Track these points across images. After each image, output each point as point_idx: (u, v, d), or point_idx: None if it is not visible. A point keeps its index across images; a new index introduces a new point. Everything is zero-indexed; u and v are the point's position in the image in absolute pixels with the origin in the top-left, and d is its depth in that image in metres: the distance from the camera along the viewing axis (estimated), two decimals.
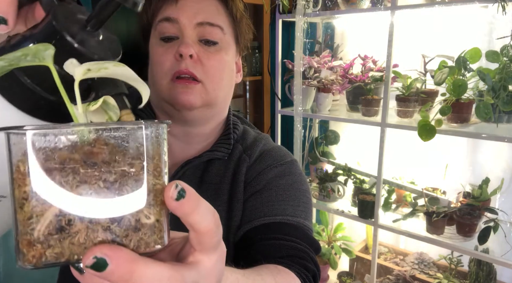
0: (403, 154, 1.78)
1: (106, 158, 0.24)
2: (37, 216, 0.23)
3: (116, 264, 0.22)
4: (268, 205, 0.62)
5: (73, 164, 0.24)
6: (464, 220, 1.42)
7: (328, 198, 1.80)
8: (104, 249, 0.23)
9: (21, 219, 0.23)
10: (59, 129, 0.24)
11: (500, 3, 1.18)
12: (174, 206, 0.24)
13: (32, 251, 0.23)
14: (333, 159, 1.99)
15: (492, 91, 1.24)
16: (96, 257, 0.22)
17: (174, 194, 0.24)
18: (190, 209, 0.24)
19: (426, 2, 1.39)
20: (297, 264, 0.53)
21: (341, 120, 1.67)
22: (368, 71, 1.66)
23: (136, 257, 0.23)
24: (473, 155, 1.63)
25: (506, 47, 1.24)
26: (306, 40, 1.69)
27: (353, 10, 1.57)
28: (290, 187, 0.65)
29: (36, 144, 0.23)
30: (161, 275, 0.24)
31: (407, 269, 1.73)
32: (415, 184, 1.71)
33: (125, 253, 0.23)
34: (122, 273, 0.22)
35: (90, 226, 0.23)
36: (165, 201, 0.25)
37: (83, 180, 0.23)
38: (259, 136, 0.75)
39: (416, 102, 1.47)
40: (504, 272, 1.57)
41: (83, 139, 0.24)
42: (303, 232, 0.60)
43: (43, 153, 0.23)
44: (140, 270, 0.23)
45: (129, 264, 0.23)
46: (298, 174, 0.69)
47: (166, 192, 0.24)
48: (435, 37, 1.59)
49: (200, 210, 0.25)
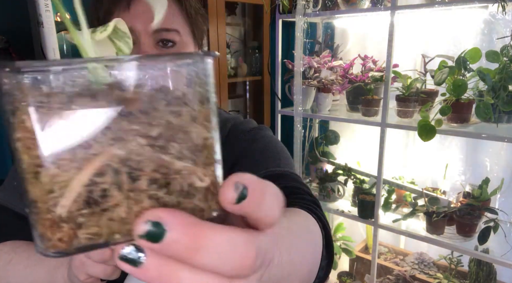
0: (403, 154, 1.78)
1: (144, 105, 0.18)
2: (60, 188, 0.17)
3: (177, 229, 0.18)
4: (250, 168, 0.61)
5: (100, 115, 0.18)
6: (464, 220, 1.42)
7: (328, 198, 1.80)
8: (158, 212, 0.18)
9: (37, 193, 0.18)
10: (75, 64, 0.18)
11: (500, 3, 1.18)
12: (233, 209, 0.19)
13: (58, 233, 0.18)
14: (333, 159, 1.99)
15: (492, 91, 1.24)
16: (151, 223, 0.18)
17: (234, 198, 0.19)
18: (253, 208, 0.20)
19: (426, 2, 1.39)
20: (295, 200, 0.51)
21: (341, 120, 1.67)
22: (368, 71, 1.66)
23: (200, 221, 0.19)
24: (473, 155, 1.63)
25: (506, 47, 1.24)
26: (306, 40, 1.69)
27: (353, 10, 1.57)
28: (265, 148, 0.66)
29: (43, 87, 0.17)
30: (235, 240, 0.19)
31: (407, 269, 1.73)
32: (415, 184, 1.71)
33: (185, 216, 0.18)
34: (187, 240, 0.18)
35: (132, 196, 0.18)
36: (220, 202, 0.19)
37: (118, 136, 0.18)
38: (230, 117, 0.76)
39: (416, 102, 1.47)
40: (504, 272, 1.57)
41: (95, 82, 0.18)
42: (291, 178, 0.59)
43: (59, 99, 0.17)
44: (209, 235, 0.18)
45: (194, 228, 0.18)
46: (270, 136, 0.70)
47: (223, 193, 0.19)
48: (435, 37, 1.59)
49: (265, 205, 0.20)
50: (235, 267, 0.18)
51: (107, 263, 0.36)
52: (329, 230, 0.48)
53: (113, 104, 0.18)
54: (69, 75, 0.18)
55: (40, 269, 0.50)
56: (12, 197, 0.64)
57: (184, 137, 0.19)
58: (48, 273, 0.48)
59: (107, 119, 0.18)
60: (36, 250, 0.19)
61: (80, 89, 0.18)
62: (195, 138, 0.20)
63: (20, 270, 0.53)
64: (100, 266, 0.37)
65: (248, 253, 0.19)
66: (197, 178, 0.20)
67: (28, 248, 0.57)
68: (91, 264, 0.37)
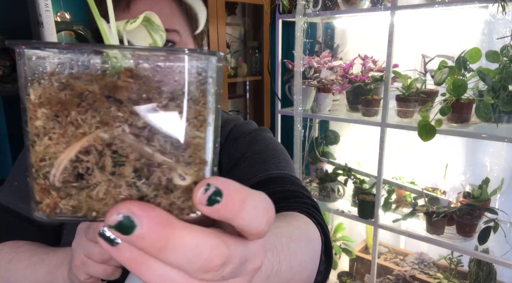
0: (403, 154, 1.78)
1: (134, 94, 0.19)
2: (50, 159, 0.19)
3: (147, 226, 0.18)
4: (249, 170, 0.61)
5: (92, 99, 0.19)
6: (464, 220, 1.42)
7: (328, 198, 1.80)
8: (132, 206, 0.18)
9: (33, 160, 0.19)
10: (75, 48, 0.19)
11: (500, 3, 1.18)
12: (206, 212, 0.19)
13: (46, 199, 0.19)
14: (333, 159, 1.99)
15: (492, 91, 1.24)
16: (122, 215, 0.18)
17: (204, 200, 0.19)
18: (229, 214, 0.19)
19: (426, 2, 1.39)
20: (295, 203, 0.51)
21: (341, 120, 1.67)
22: (368, 71, 1.67)
23: (172, 219, 0.19)
24: (473, 155, 1.63)
25: (506, 47, 1.24)
26: (306, 40, 1.69)
27: (353, 10, 1.57)
28: (266, 149, 0.65)
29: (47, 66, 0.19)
30: (204, 244, 0.19)
31: (407, 269, 1.73)
32: (415, 184, 1.71)
33: (159, 213, 0.18)
34: (155, 239, 0.18)
35: (112, 179, 0.19)
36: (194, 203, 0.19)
37: (104, 120, 0.19)
38: (230, 118, 0.75)
39: (416, 102, 1.47)
40: (504, 272, 1.57)
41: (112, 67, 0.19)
42: (291, 181, 0.59)
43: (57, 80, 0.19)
44: (177, 236, 0.18)
45: (164, 227, 0.18)
46: (270, 138, 0.70)
47: (194, 193, 0.19)
48: (435, 37, 1.59)
49: (245, 213, 0.19)
50: (200, 269, 0.19)
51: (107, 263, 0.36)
52: (329, 234, 0.48)
53: (105, 90, 0.19)
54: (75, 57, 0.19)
55: (41, 269, 0.50)
56: (12, 197, 0.64)
57: (169, 133, 0.19)
58: (49, 273, 0.48)
59: (97, 104, 0.19)
60: (31, 212, 0.20)
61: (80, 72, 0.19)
62: (180, 135, 0.20)
63: (20, 270, 0.53)
64: (101, 266, 0.37)
65: (213, 258, 0.19)
66: (177, 175, 0.20)
67: (29, 248, 0.57)
68: (91, 264, 0.37)
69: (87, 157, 0.19)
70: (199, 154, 0.20)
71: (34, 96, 0.19)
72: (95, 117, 0.19)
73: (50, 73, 0.19)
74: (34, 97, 0.19)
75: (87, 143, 0.19)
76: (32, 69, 0.19)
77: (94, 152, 0.19)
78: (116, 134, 0.19)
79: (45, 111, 0.19)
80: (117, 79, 0.19)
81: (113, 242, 0.19)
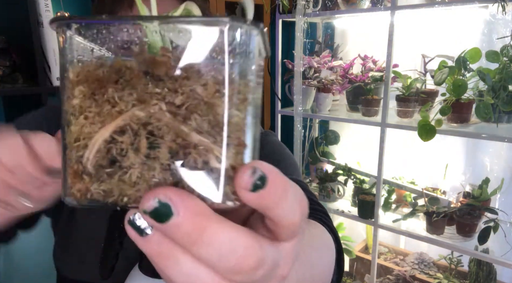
0: (403, 154, 1.78)
1: (173, 71, 0.18)
2: (84, 139, 0.18)
3: (184, 215, 0.17)
4: None
5: (129, 75, 0.18)
6: (464, 220, 1.42)
7: (328, 198, 1.80)
8: (169, 192, 0.17)
9: (68, 141, 0.19)
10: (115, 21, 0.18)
11: (500, 3, 1.18)
12: (249, 199, 0.18)
13: (78, 184, 0.19)
14: (333, 159, 1.99)
15: (492, 91, 1.24)
16: (159, 201, 0.17)
17: (249, 184, 0.17)
18: (271, 202, 0.18)
19: (426, 2, 1.39)
20: None
21: (341, 120, 1.67)
22: (368, 71, 1.66)
23: (210, 211, 0.18)
24: (473, 155, 1.63)
25: (506, 47, 1.24)
26: (306, 40, 1.69)
27: (353, 10, 1.57)
28: (272, 153, 0.64)
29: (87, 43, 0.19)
30: (237, 242, 0.17)
31: (407, 269, 1.72)
32: (415, 184, 1.71)
33: (196, 202, 0.17)
34: (190, 229, 0.17)
35: (146, 162, 0.18)
36: (235, 187, 0.18)
37: (142, 98, 0.18)
38: None
39: (416, 102, 1.47)
40: (504, 272, 1.57)
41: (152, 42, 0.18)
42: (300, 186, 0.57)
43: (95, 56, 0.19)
44: (212, 229, 0.17)
45: (201, 218, 0.17)
46: (276, 142, 0.69)
47: (238, 176, 0.18)
48: (435, 37, 1.59)
49: (285, 203, 0.18)
50: (231, 269, 0.18)
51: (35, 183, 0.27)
52: (340, 243, 0.47)
53: (143, 66, 0.18)
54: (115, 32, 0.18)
55: None
56: None
57: (207, 111, 0.18)
58: None
59: (134, 80, 0.18)
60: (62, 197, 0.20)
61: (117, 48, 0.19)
62: (218, 114, 0.18)
63: None
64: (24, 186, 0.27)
65: (247, 258, 0.18)
66: (214, 157, 0.18)
67: None
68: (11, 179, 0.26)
69: (121, 137, 0.18)
70: (238, 134, 0.19)
71: (73, 74, 0.19)
72: (132, 94, 0.18)
73: (89, 50, 0.19)
74: (72, 75, 0.19)
75: (123, 122, 0.18)
76: (71, 47, 0.19)
77: (129, 131, 0.18)
78: (152, 112, 0.18)
79: (82, 89, 0.18)
80: (155, 55, 0.18)
81: (143, 232, 0.18)
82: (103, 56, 0.19)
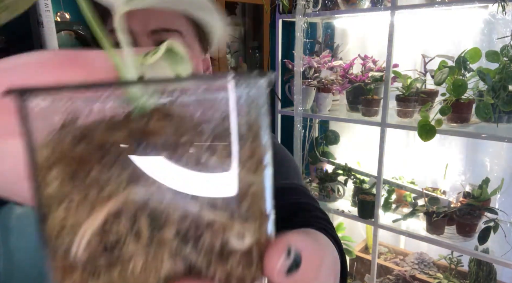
0: (403, 153, 1.78)
1: (170, 138, 0.15)
2: (68, 234, 0.15)
3: None
4: None
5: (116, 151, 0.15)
6: (464, 220, 1.42)
7: (328, 198, 1.80)
8: None
9: (49, 234, 0.16)
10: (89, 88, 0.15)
11: (500, 3, 1.18)
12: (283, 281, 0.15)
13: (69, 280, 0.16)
14: (333, 159, 1.99)
15: (492, 91, 1.24)
16: None
17: (283, 269, 0.15)
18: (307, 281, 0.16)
19: (426, 2, 1.39)
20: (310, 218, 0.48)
21: (341, 120, 1.67)
22: (368, 71, 1.66)
23: None
24: (473, 155, 1.63)
25: (506, 47, 1.24)
26: (306, 40, 1.69)
27: (353, 10, 1.57)
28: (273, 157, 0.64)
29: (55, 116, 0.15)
30: None
31: (407, 269, 1.73)
32: (415, 184, 1.71)
33: None
34: None
35: (150, 249, 0.15)
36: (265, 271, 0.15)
37: (135, 175, 0.15)
38: None
39: (416, 102, 1.47)
40: (504, 272, 1.57)
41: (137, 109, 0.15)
42: (302, 192, 0.57)
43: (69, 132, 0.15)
44: None
45: None
46: (277, 145, 0.68)
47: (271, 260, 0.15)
48: (435, 37, 1.59)
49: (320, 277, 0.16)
50: None
51: None
52: (344, 254, 0.46)
53: (132, 138, 0.15)
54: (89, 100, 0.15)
55: None
56: None
57: (218, 181, 0.15)
58: None
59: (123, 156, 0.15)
60: None
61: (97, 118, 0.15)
62: (232, 183, 0.15)
63: None
64: None
65: None
66: (234, 236, 0.15)
67: None
68: None
69: (115, 225, 0.15)
70: (259, 205, 0.16)
71: (43, 156, 0.15)
72: (122, 174, 0.15)
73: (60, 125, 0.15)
74: (42, 158, 0.15)
75: (115, 207, 0.15)
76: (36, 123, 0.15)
77: (125, 217, 0.15)
78: (151, 191, 0.15)
79: (57, 174, 0.15)
80: (145, 123, 0.15)
81: None
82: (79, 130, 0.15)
